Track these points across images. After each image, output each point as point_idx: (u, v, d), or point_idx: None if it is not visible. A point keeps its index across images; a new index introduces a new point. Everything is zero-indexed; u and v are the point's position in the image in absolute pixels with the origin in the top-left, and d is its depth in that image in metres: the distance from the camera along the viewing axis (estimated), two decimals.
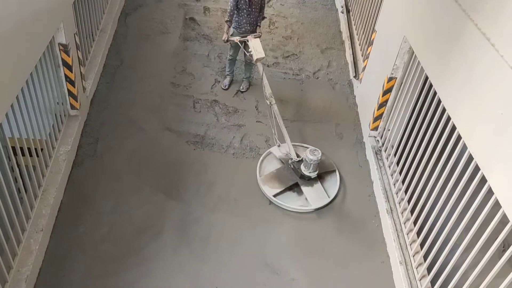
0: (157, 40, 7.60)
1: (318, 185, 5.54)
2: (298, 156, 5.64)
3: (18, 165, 4.17)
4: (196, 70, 7.13)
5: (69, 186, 5.12)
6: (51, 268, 4.40)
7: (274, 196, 5.38)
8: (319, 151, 5.37)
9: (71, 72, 5.21)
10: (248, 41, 6.06)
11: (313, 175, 5.44)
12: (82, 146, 5.60)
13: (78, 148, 5.55)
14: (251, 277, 4.61)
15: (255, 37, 6.08)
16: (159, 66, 7.09)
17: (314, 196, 5.42)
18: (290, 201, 5.37)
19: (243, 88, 6.90)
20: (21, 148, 4.24)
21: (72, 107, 5.53)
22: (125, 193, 5.18)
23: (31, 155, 4.42)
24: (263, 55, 5.86)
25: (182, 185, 5.38)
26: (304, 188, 5.47)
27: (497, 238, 3.36)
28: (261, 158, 5.86)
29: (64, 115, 5.45)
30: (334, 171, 5.79)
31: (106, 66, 6.86)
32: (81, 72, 5.62)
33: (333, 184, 5.65)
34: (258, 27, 6.41)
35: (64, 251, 4.55)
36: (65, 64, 5.12)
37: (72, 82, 5.29)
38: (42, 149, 4.71)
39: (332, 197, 5.46)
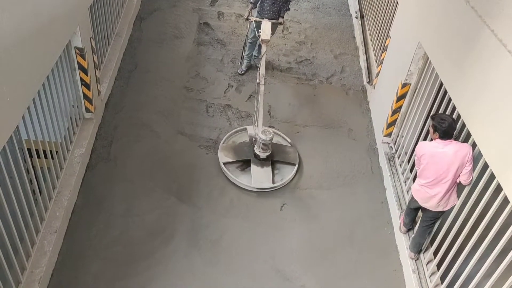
0: (171, 45, 7.66)
1: (268, 168, 5.64)
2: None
3: (34, 167, 4.22)
4: (209, 75, 7.17)
5: (83, 189, 5.18)
6: (64, 269, 4.44)
7: (224, 164, 5.59)
8: (272, 132, 5.50)
9: (87, 75, 5.27)
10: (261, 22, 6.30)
11: (262, 155, 5.57)
12: (96, 149, 5.65)
13: (92, 151, 5.61)
14: (262, 283, 4.59)
15: (270, 21, 6.28)
16: (173, 70, 7.14)
17: (258, 177, 5.53)
18: (237, 174, 5.56)
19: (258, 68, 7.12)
20: (37, 150, 4.30)
21: (87, 110, 5.59)
22: (137, 196, 5.21)
23: (46, 157, 4.48)
24: (269, 38, 5.98)
25: (194, 189, 5.40)
26: (253, 167, 5.63)
27: None
28: (234, 130, 6.12)
29: (79, 118, 5.52)
30: (294, 165, 5.80)
31: (121, 70, 6.93)
32: (96, 76, 5.68)
33: (285, 175, 5.71)
34: (280, 17, 6.63)
35: (77, 253, 4.60)
36: (81, 67, 5.19)
37: (87, 86, 5.36)
38: (57, 152, 4.77)
39: (275, 185, 5.51)
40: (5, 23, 3.22)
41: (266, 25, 6.08)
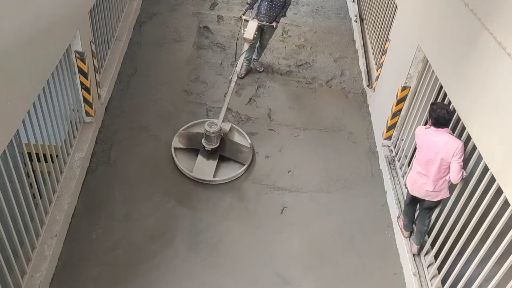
0: (171, 48, 7.67)
1: (213, 162, 5.66)
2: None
3: (34, 171, 4.22)
4: (209, 78, 7.18)
5: (83, 193, 5.17)
6: (64, 274, 4.43)
7: (175, 149, 5.73)
8: (217, 126, 5.56)
9: (87, 79, 5.28)
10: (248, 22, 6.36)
11: (207, 146, 5.59)
12: (96, 152, 5.65)
13: (92, 154, 5.61)
14: (262, 287, 4.58)
15: (262, 23, 6.38)
16: (172, 74, 7.15)
17: (200, 168, 5.57)
18: (184, 161, 5.65)
19: (259, 69, 7.43)
20: (37, 154, 4.30)
21: (87, 114, 5.60)
22: (137, 200, 5.21)
23: (46, 161, 4.48)
24: (250, 38, 6.04)
25: (193, 193, 5.39)
26: (199, 157, 5.66)
27: None
28: (203, 120, 6.17)
29: (79, 122, 5.52)
30: (244, 165, 5.75)
31: (121, 73, 6.94)
32: (96, 80, 5.69)
33: (230, 172, 5.67)
34: (275, 22, 6.71)
35: (77, 257, 4.59)
36: (81, 71, 5.20)
37: (87, 90, 5.36)
38: (57, 156, 4.77)
39: (216, 180, 5.51)
40: (5, 27, 3.23)
41: (252, 24, 6.13)
